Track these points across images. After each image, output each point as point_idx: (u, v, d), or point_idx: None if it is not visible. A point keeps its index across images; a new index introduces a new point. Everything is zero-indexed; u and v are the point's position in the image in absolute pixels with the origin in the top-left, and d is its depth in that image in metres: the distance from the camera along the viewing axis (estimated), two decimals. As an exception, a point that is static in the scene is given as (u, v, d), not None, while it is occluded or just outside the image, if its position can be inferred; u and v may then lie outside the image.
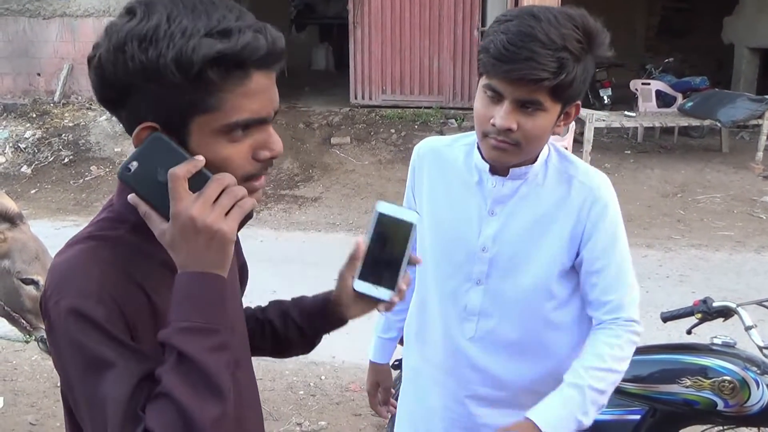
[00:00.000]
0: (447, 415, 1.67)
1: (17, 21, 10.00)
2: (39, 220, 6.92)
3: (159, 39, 0.88)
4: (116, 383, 0.89)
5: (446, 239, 1.59)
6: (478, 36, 9.20)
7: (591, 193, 1.51)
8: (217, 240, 0.90)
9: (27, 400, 3.78)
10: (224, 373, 0.91)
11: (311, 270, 5.52)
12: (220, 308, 0.93)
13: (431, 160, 1.63)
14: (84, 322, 0.90)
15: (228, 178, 0.93)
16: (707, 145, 8.98)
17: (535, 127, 1.39)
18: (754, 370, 2.12)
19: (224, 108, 0.92)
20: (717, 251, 5.88)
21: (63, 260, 0.97)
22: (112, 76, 0.91)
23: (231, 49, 0.89)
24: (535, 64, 1.30)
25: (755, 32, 10.41)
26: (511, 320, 1.57)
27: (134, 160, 0.94)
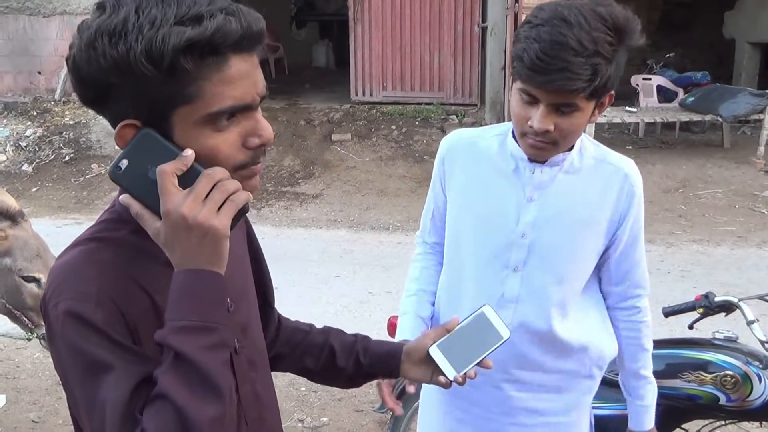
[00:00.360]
0: (484, 400, 1.68)
1: (17, 19, 9.99)
2: (40, 218, 6.92)
3: (128, 32, 0.86)
4: (115, 386, 0.88)
5: (485, 228, 1.61)
6: (478, 32, 9.20)
7: (627, 179, 1.57)
8: (210, 236, 0.88)
9: (29, 397, 3.78)
10: (223, 371, 0.89)
11: (312, 267, 5.53)
12: (217, 305, 0.91)
13: (464, 151, 1.65)
14: (82, 325, 0.89)
15: (219, 173, 0.90)
16: (708, 140, 8.97)
17: (571, 125, 1.42)
18: (756, 365, 2.12)
19: (204, 97, 0.89)
20: (719, 246, 5.88)
21: (62, 262, 0.96)
22: (88, 75, 0.89)
23: (201, 35, 0.86)
24: (570, 74, 1.32)
25: (756, 27, 10.38)
26: (547, 305, 1.60)
27: (124, 158, 0.91)
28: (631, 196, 1.58)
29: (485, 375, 1.62)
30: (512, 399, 1.66)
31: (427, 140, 8.66)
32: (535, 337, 1.62)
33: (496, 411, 1.68)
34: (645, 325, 1.70)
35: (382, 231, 6.48)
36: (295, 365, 1.37)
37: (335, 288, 5.13)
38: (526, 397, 1.66)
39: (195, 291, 0.89)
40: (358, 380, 1.35)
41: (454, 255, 1.69)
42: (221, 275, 0.91)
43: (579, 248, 1.58)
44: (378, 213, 7.03)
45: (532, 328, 1.61)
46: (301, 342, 1.35)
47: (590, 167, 1.57)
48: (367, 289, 5.06)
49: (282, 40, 12.72)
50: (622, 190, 1.57)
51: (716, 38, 11.37)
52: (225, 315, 0.92)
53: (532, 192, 1.56)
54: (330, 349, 1.33)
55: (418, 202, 7.30)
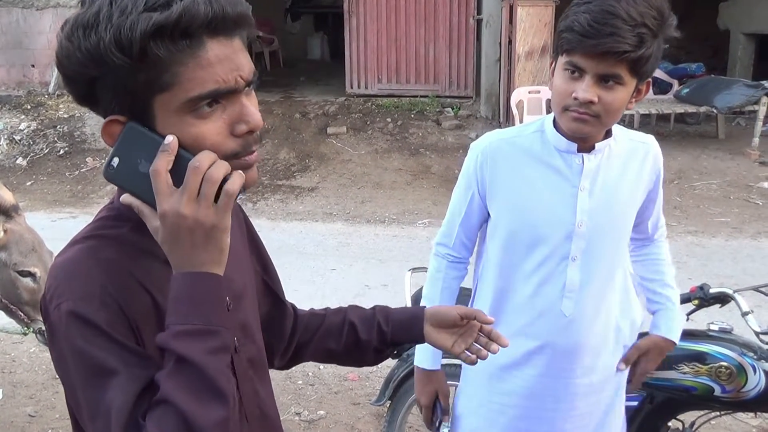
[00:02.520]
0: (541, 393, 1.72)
1: (10, 12, 9.94)
2: (35, 212, 6.91)
3: (99, 23, 0.84)
4: (119, 392, 0.87)
5: (542, 224, 1.64)
6: (473, 24, 9.17)
7: (653, 151, 1.71)
8: (212, 235, 0.87)
9: (26, 391, 3.78)
10: (226, 375, 0.89)
11: (308, 260, 5.53)
12: (219, 308, 0.90)
13: (505, 154, 1.68)
14: (86, 327, 0.88)
15: (205, 160, 0.87)
16: (703, 131, 8.98)
17: (614, 100, 1.48)
18: (751, 356, 2.13)
19: (181, 83, 0.87)
20: (714, 237, 5.90)
21: (63, 261, 0.94)
22: (70, 70, 0.88)
23: (168, 18, 0.83)
24: (619, 38, 1.40)
25: (751, 18, 10.38)
26: (605, 289, 1.70)
27: (114, 156, 0.90)
28: (658, 167, 1.72)
29: (551, 367, 1.69)
30: (572, 386, 1.71)
31: (422, 133, 8.65)
32: (595, 322, 1.68)
33: (553, 401, 1.72)
34: (665, 244, 1.91)
35: (378, 224, 6.48)
36: (319, 350, 1.33)
37: (331, 281, 5.14)
38: (585, 381, 1.71)
39: (196, 294, 0.88)
40: (384, 352, 1.32)
41: (504, 257, 1.70)
42: (221, 276, 0.90)
43: (627, 226, 1.70)
44: (374, 206, 7.02)
45: (593, 314, 1.68)
46: (320, 326, 1.32)
47: (625, 149, 1.67)
48: (363, 282, 5.06)
49: (277, 32, 12.69)
50: (653, 166, 1.70)
51: (711, 29, 11.37)
52: (226, 317, 0.91)
53: (584, 182, 1.61)
54: (350, 325, 1.30)
55: (413, 194, 7.30)
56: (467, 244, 1.80)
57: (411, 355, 2.66)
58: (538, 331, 1.68)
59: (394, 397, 2.66)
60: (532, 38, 8.14)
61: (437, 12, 9.29)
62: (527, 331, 1.69)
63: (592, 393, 1.74)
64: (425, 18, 9.34)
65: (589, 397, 1.73)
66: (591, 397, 1.74)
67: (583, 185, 1.61)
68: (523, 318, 1.70)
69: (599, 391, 1.75)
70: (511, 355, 1.71)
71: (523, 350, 1.71)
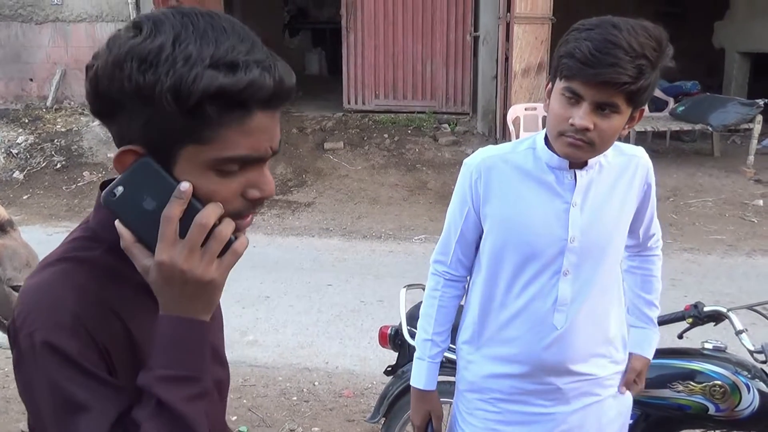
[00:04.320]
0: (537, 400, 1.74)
1: (9, 26, 9.97)
2: (31, 225, 6.90)
3: (160, 63, 0.83)
4: (90, 428, 0.87)
5: (532, 239, 1.66)
6: (470, 41, 9.23)
7: (645, 166, 1.72)
8: (206, 290, 0.88)
9: (19, 407, 3.75)
10: (203, 422, 0.90)
11: (305, 275, 5.52)
12: (202, 355, 0.91)
13: (497, 170, 1.69)
14: (58, 359, 0.87)
15: (212, 215, 0.87)
16: (699, 149, 9.03)
17: (609, 128, 1.51)
18: (745, 375, 2.13)
19: (219, 142, 0.87)
20: (709, 255, 5.91)
21: (35, 284, 0.92)
22: (106, 90, 0.87)
23: (234, 86, 0.83)
24: (620, 69, 1.41)
25: (746, 37, 10.47)
26: (597, 301, 1.70)
27: (120, 185, 0.89)
28: (648, 178, 1.73)
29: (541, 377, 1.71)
30: (564, 390, 1.73)
31: (419, 149, 8.68)
32: (587, 335, 1.70)
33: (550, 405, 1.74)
34: (659, 259, 1.92)
35: (374, 239, 6.48)
36: None
37: (327, 297, 5.13)
38: (574, 385, 1.73)
39: (181, 340, 0.89)
40: None
41: (497, 271, 1.71)
42: (207, 324, 0.91)
43: (619, 240, 1.71)
44: (370, 221, 7.03)
45: (585, 327, 1.69)
46: None
47: (616, 164, 1.68)
48: (359, 297, 5.05)
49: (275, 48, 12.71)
50: (643, 177, 1.71)
51: (706, 48, 11.46)
52: (206, 364, 0.92)
53: (576, 197, 1.63)
54: None
55: (410, 210, 7.31)
56: (464, 262, 1.80)
57: (406, 372, 2.66)
58: (529, 343, 1.69)
59: (388, 414, 2.65)
60: (529, 55, 8.19)
61: (434, 29, 9.35)
62: (518, 342, 1.71)
63: (582, 396, 1.74)
64: (422, 34, 9.40)
65: (579, 399, 1.74)
66: (581, 399, 1.75)
67: (575, 201, 1.63)
68: (514, 330, 1.71)
69: (589, 394, 1.76)
70: (502, 367, 1.74)
71: (512, 361, 1.72)
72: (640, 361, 1.87)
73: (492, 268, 1.72)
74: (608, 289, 1.73)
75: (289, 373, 3.98)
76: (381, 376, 3.14)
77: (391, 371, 2.70)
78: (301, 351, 4.29)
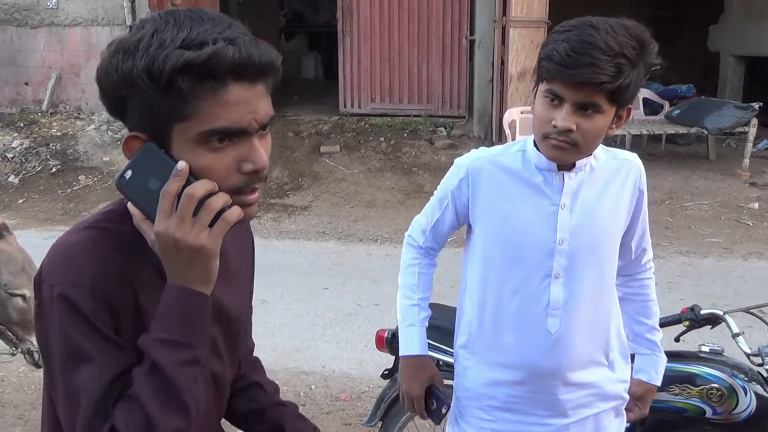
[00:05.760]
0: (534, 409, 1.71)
1: (4, 30, 9.95)
2: (27, 230, 6.88)
3: (138, 50, 0.93)
4: (93, 377, 0.96)
5: (521, 241, 1.65)
6: (466, 44, 9.25)
7: (638, 171, 1.71)
8: (200, 257, 0.96)
9: (14, 412, 3.74)
10: (192, 387, 0.97)
11: (301, 279, 5.52)
12: (197, 324, 0.99)
13: (487, 172, 1.70)
14: (72, 312, 0.96)
15: (201, 188, 0.95)
16: (694, 152, 9.05)
17: (592, 128, 1.50)
18: (742, 378, 2.14)
19: (198, 116, 0.95)
20: (705, 258, 5.92)
21: (65, 244, 1.02)
22: (106, 87, 0.97)
23: (197, 58, 0.91)
24: (597, 69, 1.41)
25: (741, 40, 10.50)
26: (590, 306, 1.68)
27: (128, 169, 0.99)
28: (642, 185, 1.71)
29: (536, 384, 1.69)
30: (561, 401, 1.70)
31: (415, 152, 8.68)
32: (583, 340, 1.68)
33: (548, 415, 1.72)
34: (653, 281, 1.88)
35: (370, 243, 6.48)
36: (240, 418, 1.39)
37: (323, 300, 5.12)
38: (573, 396, 1.71)
39: (180, 309, 0.97)
40: None
41: (487, 275, 1.71)
42: (206, 296, 0.99)
43: (611, 243, 1.69)
44: (366, 225, 7.03)
45: (581, 332, 1.67)
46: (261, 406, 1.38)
47: (607, 167, 1.68)
48: (356, 301, 5.05)
49: (271, 51, 12.71)
50: (636, 183, 1.70)
51: (701, 51, 11.49)
52: (204, 334, 1.00)
53: (564, 199, 1.62)
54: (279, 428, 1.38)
55: (406, 213, 7.30)
56: (435, 246, 1.88)
57: (403, 375, 2.65)
58: (523, 348, 1.68)
59: (385, 417, 2.65)
60: (524, 59, 8.20)
61: (430, 32, 9.36)
62: (513, 347, 1.69)
63: (581, 407, 1.73)
64: (418, 38, 9.41)
65: (577, 411, 1.72)
66: (580, 411, 1.73)
67: (564, 203, 1.62)
68: (508, 335, 1.70)
69: (587, 406, 1.74)
70: (498, 373, 1.72)
71: (508, 366, 1.71)
72: (642, 387, 1.85)
73: (483, 270, 1.72)
74: (604, 296, 1.71)
75: (286, 377, 3.97)
76: (378, 380, 3.13)
77: (388, 374, 2.70)
78: (297, 354, 4.28)
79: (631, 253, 1.79)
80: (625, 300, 1.85)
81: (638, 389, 1.85)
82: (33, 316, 2.60)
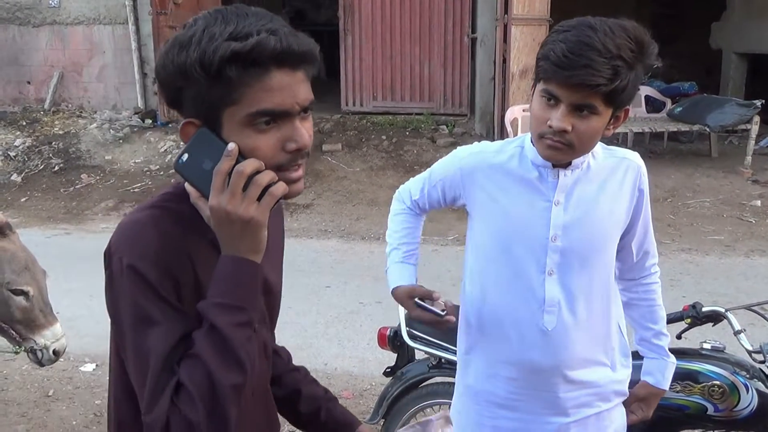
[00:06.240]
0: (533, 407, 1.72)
1: (7, 29, 9.97)
2: (29, 228, 6.89)
3: (191, 44, 1.03)
4: (159, 339, 1.05)
5: (514, 236, 1.66)
6: (468, 42, 9.24)
7: (638, 170, 1.69)
8: (250, 228, 1.05)
9: (18, 410, 3.75)
10: (246, 346, 1.06)
11: (303, 277, 5.52)
12: (250, 290, 1.08)
13: (483, 167, 1.71)
14: (140, 281, 1.06)
15: (249, 166, 1.04)
16: (696, 150, 9.04)
17: (588, 129, 1.51)
18: (744, 375, 2.14)
19: (246, 100, 1.04)
20: (707, 255, 5.91)
21: (130, 222, 1.12)
22: (163, 78, 1.08)
23: (242, 48, 1.01)
24: (593, 71, 1.41)
25: (743, 37, 10.48)
26: (586, 304, 1.67)
27: (185, 152, 1.08)
28: (642, 184, 1.69)
29: (535, 381, 1.69)
30: (561, 399, 1.70)
31: (417, 150, 8.68)
32: (581, 337, 1.67)
33: (548, 414, 1.72)
34: (658, 286, 1.85)
35: (372, 241, 6.49)
36: None
37: (326, 298, 5.13)
38: (574, 395, 1.71)
39: (234, 276, 1.07)
40: (305, 428, 1.53)
41: (484, 270, 1.72)
42: (257, 265, 1.09)
43: (607, 242, 1.68)
44: (369, 223, 7.03)
45: (579, 330, 1.66)
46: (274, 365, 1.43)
47: (605, 165, 1.67)
48: (358, 299, 5.06)
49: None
50: (635, 181, 1.68)
51: (703, 49, 11.48)
52: (255, 299, 1.10)
53: (558, 196, 1.62)
54: (296, 391, 1.50)
55: (408, 212, 7.30)
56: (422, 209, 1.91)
57: (405, 373, 2.66)
58: (522, 345, 1.68)
59: (387, 415, 2.65)
60: (526, 57, 8.20)
61: (432, 30, 9.36)
62: (511, 344, 1.70)
63: (582, 407, 1.73)
64: (420, 36, 9.41)
65: (579, 410, 1.72)
66: (581, 410, 1.73)
67: (558, 199, 1.62)
68: (506, 331, 1.70)
69: (589, 405, 1.74)
70: (497, 369, 1.73)
71: (507, 363, 1.71)
72: (647, 389, 1.84)
73: (479, 266, 1.73)
74: (601, 295, 1.70)
75: (288, 375, 3.98)
76: (380, 378, 3.14)
77: (390, 372, 2.71)
78: (300, 353, 4.28)
79: (632, 255, 1.77)
80: (630, 305, 1.84)
81: (643, 391, 1.84)
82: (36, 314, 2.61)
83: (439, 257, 5.73)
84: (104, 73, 9.77)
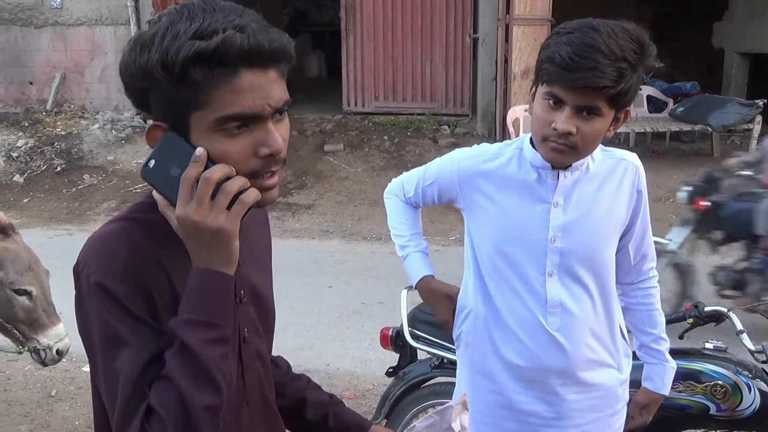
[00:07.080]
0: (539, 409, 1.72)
1: (9, 30, 9.98)
2: (32, 229, 6.90)
3: (153, 43, 0.96)
4: (129, 361, 0.99)
5: (514, 238, 1.66)
6: (469, 42, 9.24)
7: (636, 171, 1.69)
8: (220, 238, 0.98)
9: (20, 410, 3.76)
10: (220, 365, 0.99)
11: (305, 277, 5.52)
12: (222, 304, 1.00)
13: (482, 169, 1.72)
14: (108, 298, 1.00)
15: (217, 173, 0.97)
16: (698, 149, 9.03)
17: (592, 131, 1.51)
18: (746, 375, 2.14)
19: (213, 103, 0.97)
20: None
21: (99, 235, 1.06)
22: (127, 80, 1.01)
23: (206, 47, 0.94)
24: (599, 74, 1.42)
25: (745, 37, 10.47)
26: (588, 305, 1.67)
27: (152, 158, 1.02)
28: (641, 185, 1.69)
29: (540, 383, 1.69)
30: (568, 402, 1.70)
31: (419, 150, 8.68)
32: (583, 338, 1.68)
33: (552, 417, 1.71)
34: (657, 290, 1.84)
35: (374, 241, 6.49)
36: None
37: (328, 299, 5.13)
38: (581, 398, 1.71)
39: (205, 289, 1.00)
40: None
41: (487, 272, 1.72)
42: (230, 276, 1.01)
43: (607, 242, 1.68)
44: (370, 223, 7.03)
45: (583, 331, 1.67)
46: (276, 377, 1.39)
47: (604, 166, 1.67)
48: (360, 299, 5.06)
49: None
50: (634, 182, 1.68)
51: (705, 48, 11.47)
52: (229, 312, 1.02)
53: (557, 197, 1.63)
54: (302, 400, 1.43)
55: (410, 212, 7.30)
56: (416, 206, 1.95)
57: (407, 373, 2.66)
58: (527, 346, 1.68)
59: (390, 415, 2.66)
60: (528, 57, 8.20)
61: (434, 30, 9.35)
62: (515, 346, 1.70)
63: (587, 410, 1.73)
64: (422, 36, 9.41)
65: (584, 414, 1.72)
66: (587, 414, 1.73)
67: (557, 201, 1.63)
68: (511, 333, 1.70)
69: (596, 410, 1.74)
70: (500, 369, 1.73)
71: (512, 365, 1.71)
72: (647, 395, 1.84)
73: (481, 267, 1.73)
74: (603, 296, 1.70)
75: (290, 375, 3.98)
76: (382, 378, 3.14)
77: (392, 372, 2.71)
78: (302, 353, 4.29)
79: (630, 257, 1.76)
80: (628, 310, 1.83)
81: (643, 397, 1.84)
82: (39, 314, 2.62)
83: (441, 257, 5.73)
84: (106, 74, 9.78)
